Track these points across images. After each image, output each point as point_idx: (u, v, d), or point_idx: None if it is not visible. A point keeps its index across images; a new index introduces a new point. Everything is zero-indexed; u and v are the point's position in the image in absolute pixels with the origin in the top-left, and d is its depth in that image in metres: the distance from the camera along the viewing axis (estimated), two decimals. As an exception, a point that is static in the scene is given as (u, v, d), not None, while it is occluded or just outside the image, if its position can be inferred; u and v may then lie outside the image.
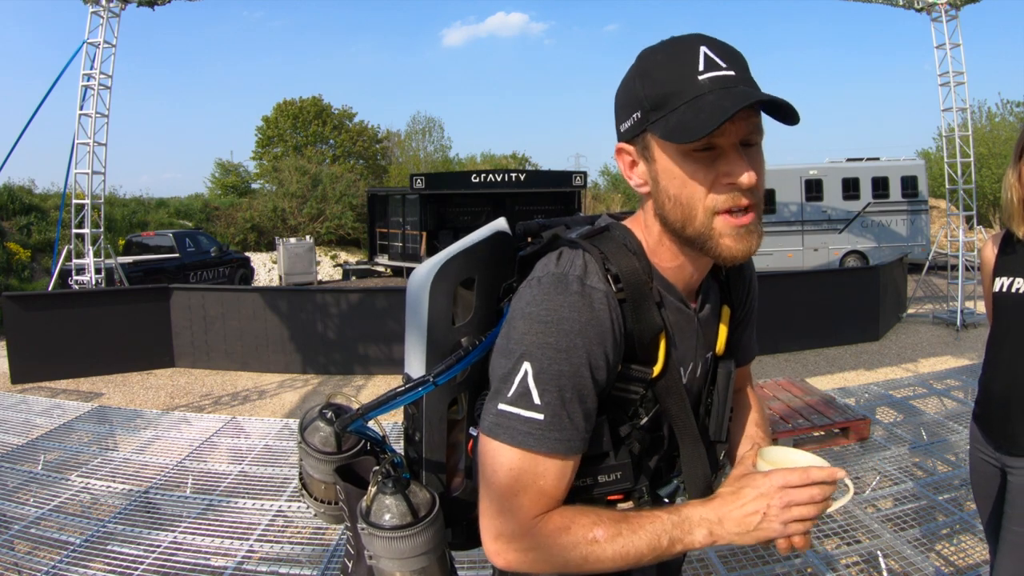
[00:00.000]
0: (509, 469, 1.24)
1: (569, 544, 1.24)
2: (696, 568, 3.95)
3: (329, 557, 4.10)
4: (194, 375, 10.44)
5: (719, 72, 1.21)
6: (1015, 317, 2.71)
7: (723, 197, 1.24)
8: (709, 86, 1.20)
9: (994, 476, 2.81)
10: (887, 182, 20.27)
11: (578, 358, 1.22)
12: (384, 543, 1.39)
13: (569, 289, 1.25)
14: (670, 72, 1.23)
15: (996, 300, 2.80)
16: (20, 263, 21.34)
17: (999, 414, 2.76)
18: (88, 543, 4.22)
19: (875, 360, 10.37)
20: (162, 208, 30.74)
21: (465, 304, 1.51)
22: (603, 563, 1.25)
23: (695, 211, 1.26)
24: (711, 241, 1.28)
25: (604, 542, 1.24)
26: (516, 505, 1.25)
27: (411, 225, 25.58)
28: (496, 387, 1.27)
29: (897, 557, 3.97)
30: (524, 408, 1.22)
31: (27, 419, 6.71)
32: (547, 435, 1.22)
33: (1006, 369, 2.74)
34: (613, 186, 41.69)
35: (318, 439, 1.60)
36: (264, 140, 41.94)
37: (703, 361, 1.52)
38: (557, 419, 1.22)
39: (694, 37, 1.25)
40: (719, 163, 1.24)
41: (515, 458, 1.24)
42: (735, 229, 1.26)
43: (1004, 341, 2.77)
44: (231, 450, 5.91)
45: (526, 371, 1.22)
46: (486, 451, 1.27)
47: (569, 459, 1.27)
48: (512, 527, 1.25)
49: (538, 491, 1.25)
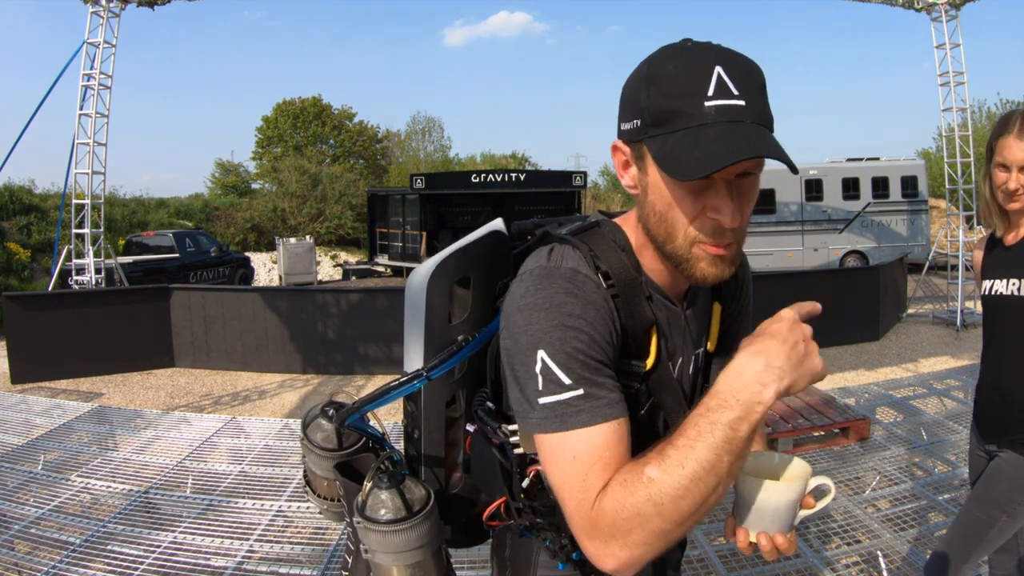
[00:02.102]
0: (573, 456, 1.18)
1: (635, 501, 1.11)
2: (696, 568, 3.95)
3: (329, 557, 4.10)
4: (194, 375, 10.44)
5: (728, 101, 1.16)
6: (997, 318, 2.75)
7: (705, 232, 1.23)
8: (714, 116, 1.15)
9: (984, 464, 2.85)
10: (887, 182, 20.26)
11: (584, 332, 1.21)
12: (379, 537, 1.40)
13: (561, 277, 1.25)
14: (677, 88, 1.18)
15: (983, 302, 2.83)
16: (20, 263, 21.34)
17: (986, 412, 2.81)
18: (88, 543, 4.22)
19: (875, 360, 10.37)
20: (162, 208, 30.74)
21: (462, 302, 1.53)
22: (679, 500, 1.09)
23: (676, 234, 1.25)
24: (686, 264, 1.27)
25: (662, 475, 1.10)
26: (589, 487, 1.16)
27: (411, 225, 25.57)
28: (525, 388, 1.23)
29: (897, 557, 3.98)
30: (561, 392, 1.19)
31: (27, 419, 6.72)
32: (595, 406, 1.19)
33: (991, 369, 2.79)
34: (613, 186, 41.70)
35: (320, 436, 1.62)
36: (264, 140, 41.96)
37: (693, 357, 1.51)
38: (596, 387, 1.19)
39: (711, 52, 1.19)
40: (708, 194, 1.21)
41: (577, 440, 1.18)
42: (713, 258, 1.25)
43: (990, 342, 2.81)
44: (231, 450, 5.91)
45: (543, 359, 1.20)
46: (547, 452, 1.22)
47: (623, 422, 1.22)
48: (592, 518, 1.15)
49: (603, 465, 1.17)
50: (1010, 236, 2.70)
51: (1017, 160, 2.51)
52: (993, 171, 2.61)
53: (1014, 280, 2.64)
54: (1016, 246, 2.67)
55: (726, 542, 4.18)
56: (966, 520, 2.78)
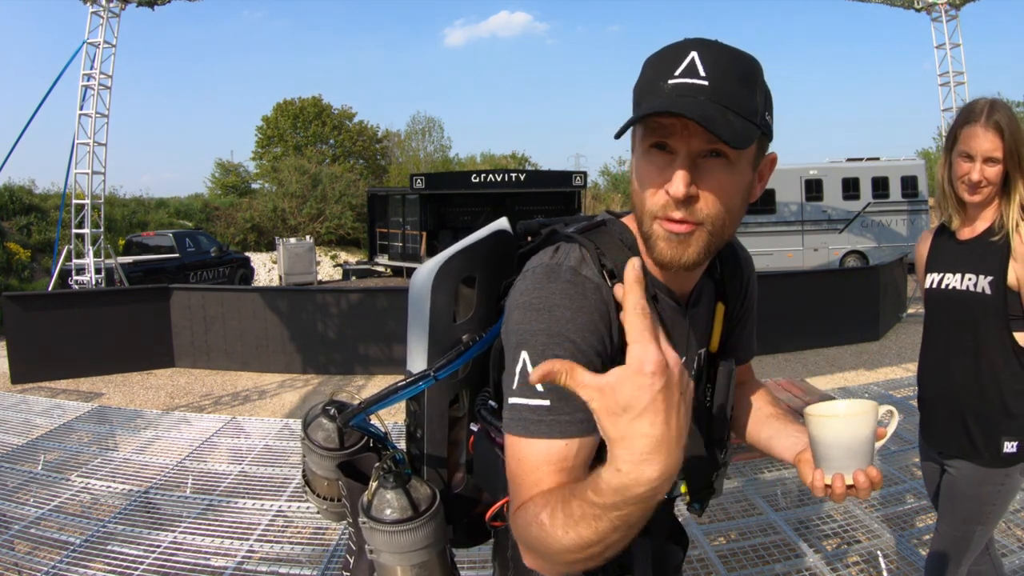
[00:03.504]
0: (518, 459, 1.21)
1: (532, 533, 1.09)
2: (696, 568, 3.94)
3: (329, 557, 4.10)
4: (194, 375, 10.44)
5: (691, 80, 1.18)
6: (945, 314, 2.66)
7: (659, 204, 1.23)
8: (668, 91, 1.18)
9: (936, 473, 2.80)
10: (887, 182, 20.29)
11: (572, 341, 1.21)
12: (385, 537, 1.39)
13: (561, 278, 1.25)
14: (653, 71, 1.22)
15: (927, 297, 2.74)
16: (20, 263, 21.36)
17: (935, 416, 2.73)
18: (88, 543, 4.22)
19: (875, 360, 10.37)
20: (162, 208, 30.78)
21: (466, 302, 1.52)
22: (561, 552, 1.04)
23: (642, 211, 1.26)
24: (649, 242, 1.27)
25: (551, 527, 1.04)
26: (519, 494, 1.20)
27: (411, 225, 25.59)
28: (505, 383, 1.25)
29: (897, 557, 3.98)
30: (530, 397, 1.20)
31: (27, 419, 6.72)
32: (557, 419, 1.19)
33: (938, 369, 2.71)
34: (613, 186, 41.67)
35: (321, 436, 1.61)
36: (264, 140, 42.00)
37: (696, 358, 1.51)
38: (563, 402, 1.19)
39: (693, 41, 1.22)
40: (669, 168, 1.21)
41: (525, 447, 1.20)
42: (668, 234, 1.24)
43: (936, 340, 2.72)
44: (231, 450, 5.91)
45: (524, 360, 1.21)
46: (506, 450, 1.24)
47: (577, 444, 1.21)
48: (513, 519, 1.21)
49: (535, 481, 1.19)
50: (966, 230, 2.61)
51: (983, 151, 2.42)
52: (955, 160, 2.51)
53: (970, 276, 2.54)
54: (973, 241, 2.57)
55: (726, 542, 4.19)
56: (944, 540, 2.70)
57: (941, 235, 2.73)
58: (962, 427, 2.58)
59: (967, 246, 2.59)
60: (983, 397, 2.54)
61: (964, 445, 2.59)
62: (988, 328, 2.51)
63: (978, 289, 2.51)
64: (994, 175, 2.43)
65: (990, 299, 2.48)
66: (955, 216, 2.62)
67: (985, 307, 2.50)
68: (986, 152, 2.41)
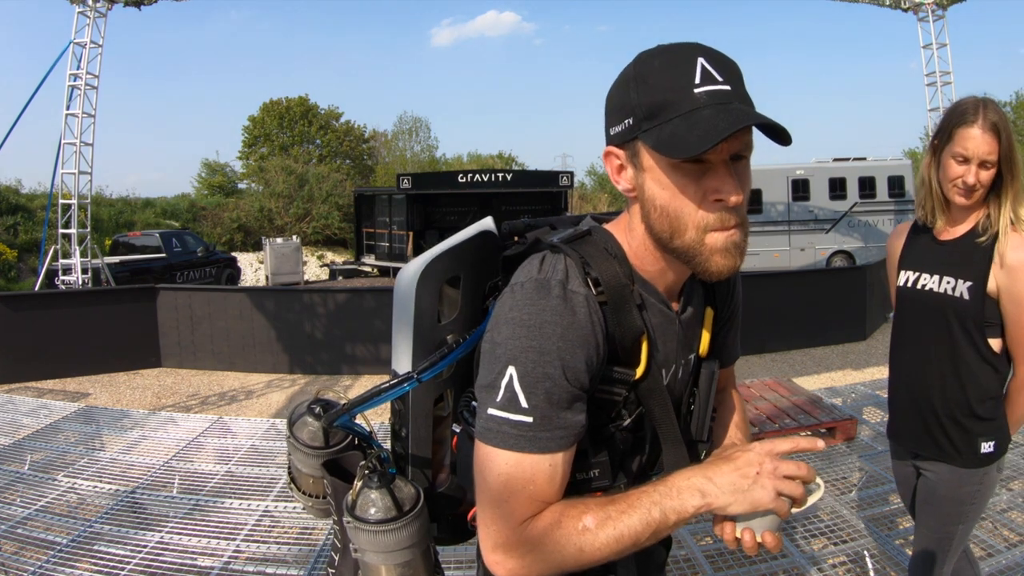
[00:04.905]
0: (499, 473, 1.23)
1: (562, 538, 1.22)
2: (683, 568, 3.96)
3: (316, 557, 4.10)
4: (181, 375, 10.39)
5: (715, 86, 1.19)
6: (918, 315, 2.62)
7: (713, 216, 1.23)
8: (705, 100, 1.18)
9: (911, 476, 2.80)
10: (874, 182, 20.38)
11: (561, 360, 1.22)
12: (369, 536, 1.40)
13: (551, 294, 1.25)
14: (666, 81, 1.21)
15: (899, 296, 2.70)
16: (7, 263, 21.26)
17: (907, 418, 2.70)
18: (75, 543, 4.21)
19: (862, 360, 10.41)
20: (149, 208, 30.68)
21: (451, 302, 1.52)
22: (599, 550, 1.22)
23: (685, 226, 1.25)
24: (700, 257, 1.26)
25: (596, 528, 1.21)
26: (509, 510, 1.24)
27: (398, 225, 25.54)
28: (485, 393, 1.26)
29: (883, 556, 4.00)
30: (513, 412, 1.22)
31: (13, 419, 6.69)
32: (537, 436, 1.22)
33: (910, 371, 2.68)
34: (600, 186, 41.72)
35: (306, 434, 1.62)
36: (251, 140, 41.83)
37: (685, 363, 1.52)
38: (546, 420, 1.22)
39: (691, 47, 1.23)
40: (708, 177, 1.22)
41: (507, 461, 1.23)
42: (726, 248, 1.25)
43: (908, 342, 2.69)
44: (218, 450, 5.90)
45: (511, 375, 1.22)
46: (479, 457, 1.27)
47: (560, 458, 1.26)
48: (507, 534, 1.24)
49: (529, 495, 1.24)
50: (946, 231, 2.55)
51: (981, 154, 2.33)
52: (947, 161, 2.42)
53: (948, 279, 2.49)
54: (954, 243, 2.51)
55: (712, 541, 4.20)
56: (927, 541, 2.67)
57: (918, 232, 2.68)
58: (939, 429, 2.56)
59: (947, 247, 2.54)
60: (958, 402, 2.51)
61: (940, 447, 2.57)
62: (964, 333, 2.47)
63: (956, 293, 2.47)
64: (988, 179, 2.37)
65: (968, 304, 2.44)
66: (939, 217, 2.55)
67: (962, 312, 2.45)
68: (983, 155, 2.33)
